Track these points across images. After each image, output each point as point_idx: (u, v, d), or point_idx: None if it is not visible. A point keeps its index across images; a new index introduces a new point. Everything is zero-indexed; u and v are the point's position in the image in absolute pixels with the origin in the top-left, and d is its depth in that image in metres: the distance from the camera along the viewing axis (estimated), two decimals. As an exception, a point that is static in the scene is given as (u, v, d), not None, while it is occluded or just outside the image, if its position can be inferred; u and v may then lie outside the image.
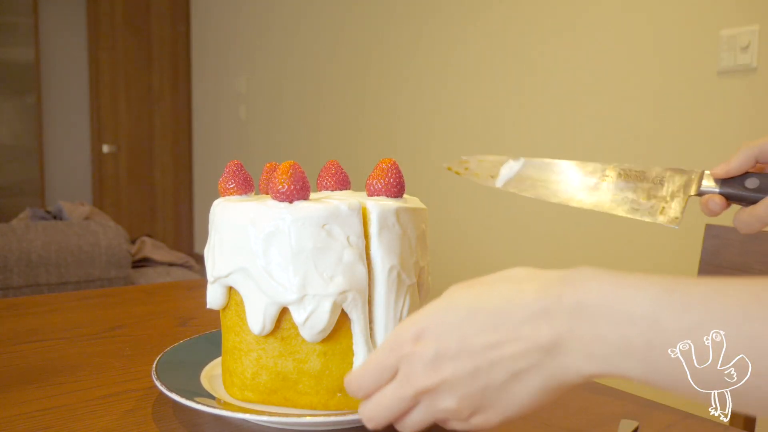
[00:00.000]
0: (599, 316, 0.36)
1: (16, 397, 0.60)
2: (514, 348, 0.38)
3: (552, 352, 0.37)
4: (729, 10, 1.70)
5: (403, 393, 0.41)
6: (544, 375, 0.38)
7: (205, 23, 4.52)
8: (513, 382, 0.39)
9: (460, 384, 0.39)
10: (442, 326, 0.40)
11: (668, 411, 0.59)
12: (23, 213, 2.33)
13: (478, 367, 0.39)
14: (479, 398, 0.40)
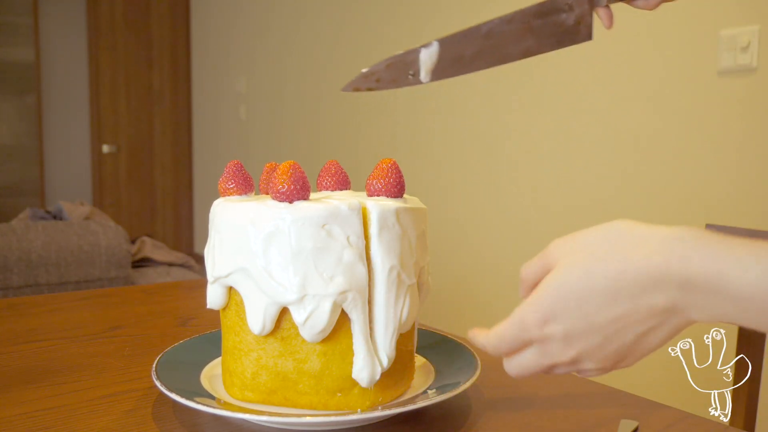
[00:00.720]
0: (711, 292, 0.38)
1: (16, 397, 0.60)
2: (636, 316, 0.42)
3: (671, 312, 0.41)
4: (729, 10, 1.70)
5: (544, 362, 0.47)
6: (669, 327, 0.42)
7: (205, 23, 4.52)
8: (642, 338, 0.43)
9: (594, 352, 0.44)
10: (565, 309, 0.44)
11: (668, 411, 0.59)
12: (23, 213, 2.33)
13: (606, 337, 0.43)
14: (613, 356, 0.44)
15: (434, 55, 0.58)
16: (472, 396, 0.61)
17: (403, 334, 0.56)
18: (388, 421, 0.55)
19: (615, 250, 0.42)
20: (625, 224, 0.43)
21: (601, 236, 0.44)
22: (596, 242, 0.44)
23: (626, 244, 0.42)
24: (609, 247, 0.43)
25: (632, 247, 0.42)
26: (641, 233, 0.42)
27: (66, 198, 4.15)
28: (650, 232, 0.42)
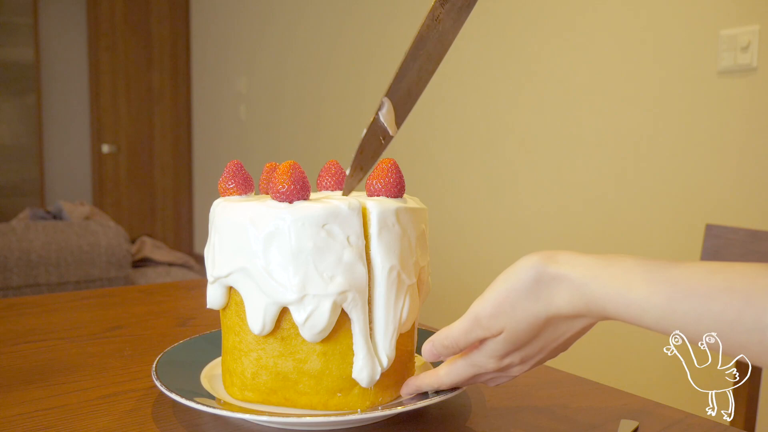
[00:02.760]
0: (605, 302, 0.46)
1: (16, 397, 0.60)
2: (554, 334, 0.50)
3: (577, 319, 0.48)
4: (729, 10, 1.70)
5: (474, 372, 0.52)
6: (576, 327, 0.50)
7: (205, 23, 4.52)
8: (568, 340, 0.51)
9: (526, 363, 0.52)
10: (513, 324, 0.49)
11: (668, 411, 0.59)
12: (23, 213, 2.33)
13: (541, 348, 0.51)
14: (540, 358, 0.52)
15: (389, 108, 0.59)
16: (472, 396, 0.61)
17: (403, 334, 0.56)
18: (388, 421, 0.55)
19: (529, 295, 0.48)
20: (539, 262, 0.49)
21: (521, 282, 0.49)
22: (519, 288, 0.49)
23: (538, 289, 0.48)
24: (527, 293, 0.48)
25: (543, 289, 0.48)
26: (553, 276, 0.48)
27: (66, 198, 4.16)
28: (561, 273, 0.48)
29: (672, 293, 0.42)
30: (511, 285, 0.49)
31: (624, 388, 0.65)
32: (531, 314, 0.48)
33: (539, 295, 0.48)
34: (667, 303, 0.42)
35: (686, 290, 0.41)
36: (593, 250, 2.12)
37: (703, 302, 0.40)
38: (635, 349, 1.94)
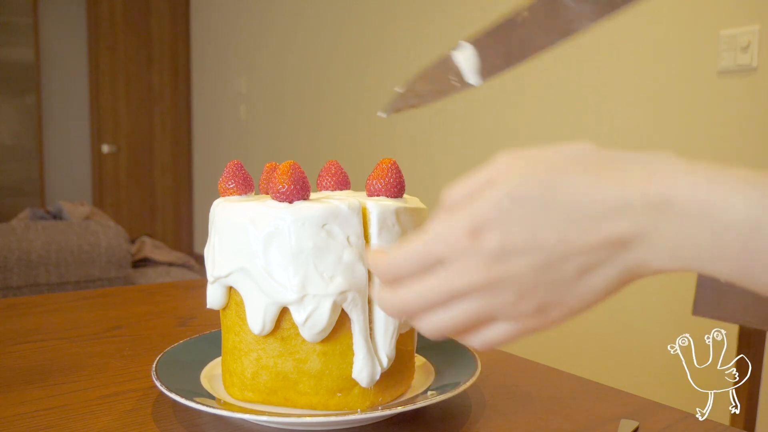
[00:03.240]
0: (690, 216, 0.32)
1: (16, 397, 0.60)
2: (590, 242, 0.34)
3: (629, 246, 0.34)
4: (729, 10, 1.69)
5: (453, 286, 0.36)
6: (619, 269, 0.35)
7: (205, 23, 4.52)
8: (584, 276, 0.35)
9: (525, 278, 0.35)
10: (509, 219, 0.35)
11: (668, 411, 0.59)
12: (23, 213, 2.33)
13: (549, 262, 0.35)
14: (542, 295, 0.36)
15: (473, 55, 0.49)
16: (471, 396, 0.61)
17: (403, 335, 0.56)
18: (388, 421, 0.55)
19: (583, 165, 0.35)
20: (591, 146, 0.37)
21: (562, 153, 0.36)
22: (561, 159, 0.36)
23: (597, 163, 0.35)
24: (574, 160, 0.36)
25: (605, 167, 0.35)
26: (614, 155, 0.36)
27: (66, 198, 4.15)
28: (625, 155, 0.36)
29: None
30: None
31: (624, 388, 0.65)
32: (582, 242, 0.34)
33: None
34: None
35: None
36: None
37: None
38: (635, 349, 1.94)
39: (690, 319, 0.96)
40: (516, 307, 0.36)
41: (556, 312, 0.36)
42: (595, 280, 0.35)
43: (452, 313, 0.37)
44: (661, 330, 1.86)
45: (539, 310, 0.36)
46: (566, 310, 0.36)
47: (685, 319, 0.90)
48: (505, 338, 0.38)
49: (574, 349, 2.08)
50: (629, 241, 0.34)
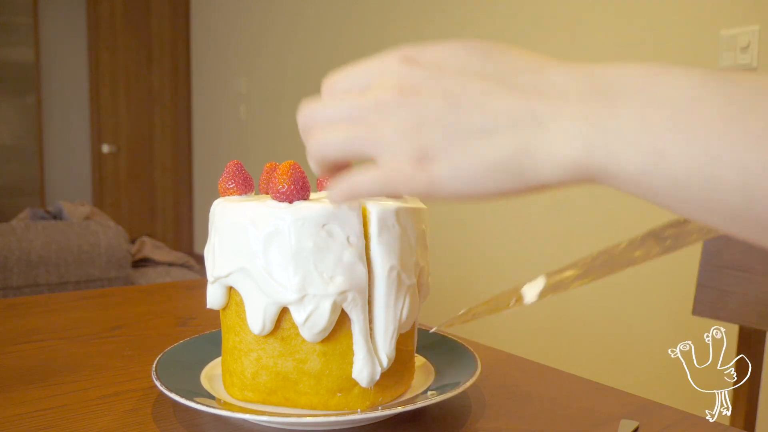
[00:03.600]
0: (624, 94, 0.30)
1: (16, 397, 0.60)
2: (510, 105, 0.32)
3: (542, 123, 0.32)
4: (729, 10, 1.70)
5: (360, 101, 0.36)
6: (517, 142, 0.32)
7: (205, 23, 4.52)
8: (483, 136, 0.33)
9: (430, 111, 0.34)
10: (448, 54, 0.35)
11: (668, 411, 0.59)
12: (23, 213, 2.33)
13: (461, 105, 0.33)
14: (435, 136, 0.34)
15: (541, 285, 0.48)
16: (471, 396, 0.61)
17: (403, 335, 0.56)
18: (388, 421, 0.55)
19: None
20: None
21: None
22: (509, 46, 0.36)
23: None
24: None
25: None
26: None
27: (66, 198, 4.16)
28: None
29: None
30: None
31: (624, 388, 0.65)
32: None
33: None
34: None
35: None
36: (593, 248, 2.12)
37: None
38: (635, 349, 1.94)
39: (690, 319, 0.96)
40: (405, 141, 0.34)
41: (436, 164, 0.34)
42: (489, 145, 0.33)
43: (343, 134, 0.36)
44: (661, 330, 1.86)
45: (422, 155, 0.34)
46: (446, 166, 0.34)
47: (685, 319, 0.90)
48: (372, 184, 0.36)
49: (574, 349, 2.08)
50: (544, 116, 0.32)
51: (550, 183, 0.32)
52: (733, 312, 0.89)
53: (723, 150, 0.27)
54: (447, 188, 0.34)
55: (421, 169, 0.34)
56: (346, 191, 0.37)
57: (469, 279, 2.51)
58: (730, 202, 0.27)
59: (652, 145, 0.29)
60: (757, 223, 0.27)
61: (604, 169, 0.30)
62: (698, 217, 0.29)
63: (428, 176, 0.34)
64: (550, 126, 0.31)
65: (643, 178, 0.29)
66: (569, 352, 2.09)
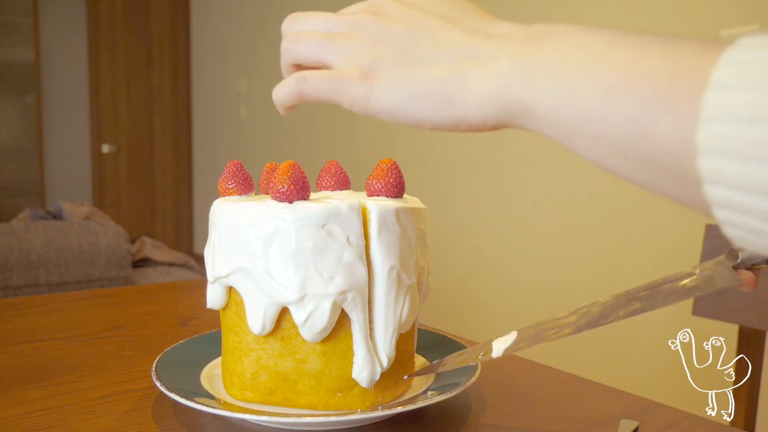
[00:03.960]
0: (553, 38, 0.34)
1: (16, 397, 0.60)
2: (458, 37, 0.36)
3: (479, 58, 0.35)
4: (729, 10, 1.70)
5: (335, 15, 0.41)
6: (453, 71, 0.36)
7: (205, 23, 4.52)
8: (425, 62, 0.37)
9: (392, 29, 0.38)
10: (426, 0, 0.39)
11: (668, 411, 0.59)
12: (23, 213, 2.33)
13: (415, 29, 0.38)
14: (386, 52, 0.38)
15: (510, 341, 0.52)
16: (471, 396, 0.61)
17: (403, 334, 0.56)
18: (388, 421, 0.55)
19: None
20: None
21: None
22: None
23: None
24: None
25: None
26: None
27: (66, 198, 4.16)
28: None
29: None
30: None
31: (624, 388, 0.65)
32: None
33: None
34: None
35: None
36: (593, 248, 2.12)
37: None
38: (635, 349, 1.94)
39: (690, 319, 0.96)
40: (359, 53, 0.38)
41: (378, 78, 0.37)
42: (428, 71, 0.36)
43: (314, 40, 0.40)
44: (661, 330, 1.86)
45: (369, 69, 0.38)
46: (385, 82, 0.37)
47: (685, 319, 0.90)
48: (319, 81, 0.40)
49: (574, 349, 2.08)
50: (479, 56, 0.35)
51: (473, 117, 0.35)
52: (733, 312, 0.89)
53: (621, 85, 0.29)
54: (381, 103, 0.38)
55: (365, 79, 0.38)
56: (293, 84, 0.41)
57: (469, 279, 2.51)
58: (623, 136, 0.29)
59: (565, 79, 0.31)
60: (645, 158, 0.29)
61: (522, 103, 0.33)
62: (595, 153, 0.32)
63: (369, 88, 0.38)
64: (486, 62, 0.35)
65: (554, 111, 0.32)
66: (569, 352, 2.09)
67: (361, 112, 0.38)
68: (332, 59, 0.40)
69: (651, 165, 0.29)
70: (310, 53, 0.41)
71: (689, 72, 0.27)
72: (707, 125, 0.26)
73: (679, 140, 0.27)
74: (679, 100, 0.27)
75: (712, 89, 0.26)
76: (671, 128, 0.27)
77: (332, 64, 0.40)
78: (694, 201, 0.28)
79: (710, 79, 0.26)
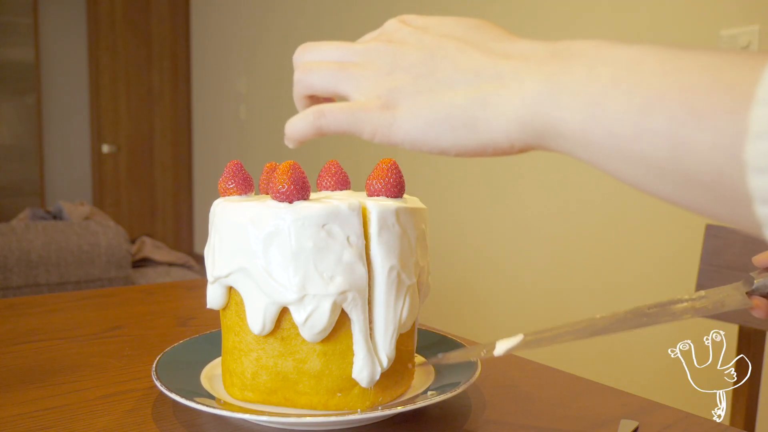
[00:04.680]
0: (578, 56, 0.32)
1: (16, 397, 0.60)
2: (478, 59, 0.35)
3: (503, 79, 0.34)
4: (729, 10, 1.70)
5: (350, 44, 0.40)
6: (476, 95, 0.35)
7: (205, 23, 4.52)
8: (446, 87, 0.35)
9: (409, 54, 0.37)
10: (438, 21, 0.39)
11: (668, 411, 0.59)
12: (23, 213, 2.33)
13: (433, 54, 0.36)
14: (405, 79, 0.37)
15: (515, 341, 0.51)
16: (471, 396, 0.61)
17: (403, 335, 0.56)
18: (388, 421, 0.55)
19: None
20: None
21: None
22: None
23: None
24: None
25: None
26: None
27: (66, 198, 4.16)
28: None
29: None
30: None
31: (624, 388, 0.65)
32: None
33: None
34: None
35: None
36: (593, 248, 2.12)
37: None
38: (635, 349, 1.94)
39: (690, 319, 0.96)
40: (377, 82, 0.37)
41: (400, 107, 0.36)
42: (450, 96, 0.35)
43: (328, 70, 0.39)
44: (661, 330, 1.86)
45: (389, 98, 0.37)
46: (408, 110, 0.36)
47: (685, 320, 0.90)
48: (338, 113, 0.38)
49: (574, 349, 2.08)
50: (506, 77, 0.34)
51: (500, 140, 0.34)
52: (733, 312, 0.89)
53: (655, 101, 0.28)
54: (405, 132, 0.36)
55: (385, 109, 0.37)
56: (311, 119, 0.39)
57: (469, 279, 2.51)
58: (658, 154, 0.29)
59: (594, 97, 0.30)
60: (683, 177, 0.29)
61: (549, 124, 0.32)
62: (631, 172, 0.31)
63: (390, 118, 0.36)
64: (509, 83, 0.34)
65: (585, 131, 0.31)
66: (569, 352, 2.09)
67: (384, 143, 0.37)
68: (348, 90, 0.39)
69: (691, 183, 0.28)
70: (324, 84, 0.40)
71: (729, 86, 0.26)
72: (756, 141, 0.25)
73: (721, 157, 0.26)
74: (719, 114, 0.26)
75: (760, 104, 0.25)
76: (711, 144, 0.26)
77: (348, 94, 0.39)
78: (741, 220, 0.27)
79: (756, 94, 0.25)
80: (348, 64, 0.39)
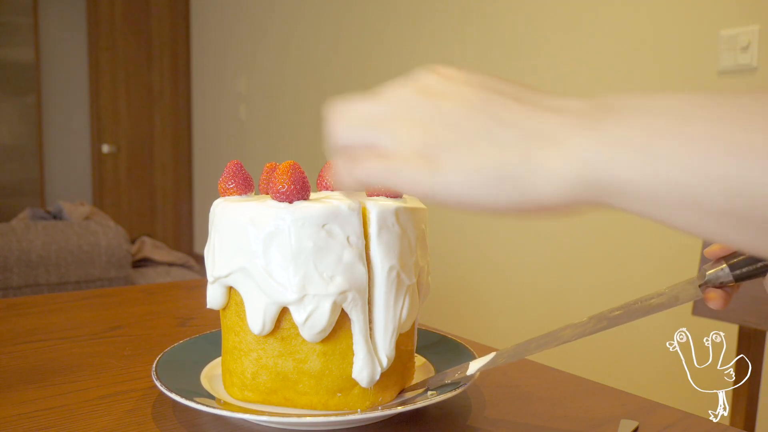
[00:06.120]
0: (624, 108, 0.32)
1: (16, 397, 0.60)
2: (523, 114, 0.34)
3: (551, 137, 0.33)
4: (729, 10, 1.70)
5: (383, 96, 0.38)
6: (523, 153, 0.33)
7: (205, 23, 4.52)
8: (491, 144, 0.34)
9: (449, 108, 0.35)
10: (469, 74, 0.37)
11: (668, 411, 0.59)
12: (23, 213, 2.33)
13: (475, 107, 0.35)
14: (448, 135, 0.35)
15: (486, 360, 0.55)
16: (472, 396, 0.61)
17: (403, 334, 0.56)
18: (388, 421, 0.55)
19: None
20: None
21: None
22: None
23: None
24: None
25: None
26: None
27: (66, 198, 4.16)
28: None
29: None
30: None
31: (624, 388, 0.65)
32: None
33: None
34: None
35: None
36: (593, 248, 2.12)
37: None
38: (635, 348, 1.94)
39: (690, 319, 0.96)
40: (418, 137, 0.35)
41: (443, 164, 0.34)
42: (496, 153, 0.33)
43: (362, 125, 0.37)
44: (661, 330, 1.86)
45: (431, 154, 0.35)
46: (451, 168, 0.34)
47: (685, 319, 0.90)
48: (379, 171, 0.37)
49: (574, 349, 2.08)
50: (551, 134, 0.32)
51: (549, 200, 0.33)
52: (733, 312, 0.89)
53: (716, 146, 0.28)
54: (449, 190, 0.34)
55: (427, 166, 0.35)
56: (353, 174, 0.38)
57: (469, 279, 2.51)
58: (719, 198, 0.29)
59: (648, 149, 0.30)
60: (743, 218, 0.29)
61: (600, 181, 0.31)
62: (688, 219, 0.31)
63: (433, 175, 0.34)
64: (555, 139, 0.32)
65: (638, 185, 0.30)
66: (569, 352, 2.09)
67: (424, 199, 0.36)
68: (385, 143, 0.37)
69: (749, 224, 0.29)
70: (359, 138, 0.38)
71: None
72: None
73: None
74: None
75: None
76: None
77: (385, 148, 0.37)
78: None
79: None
80: (383, 118, 0.37)
